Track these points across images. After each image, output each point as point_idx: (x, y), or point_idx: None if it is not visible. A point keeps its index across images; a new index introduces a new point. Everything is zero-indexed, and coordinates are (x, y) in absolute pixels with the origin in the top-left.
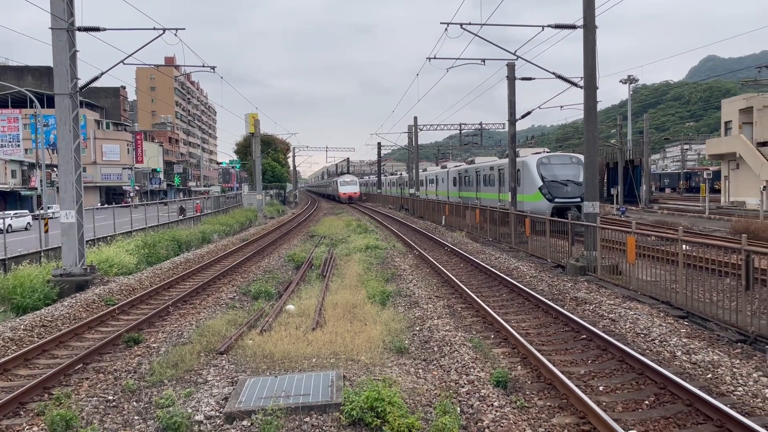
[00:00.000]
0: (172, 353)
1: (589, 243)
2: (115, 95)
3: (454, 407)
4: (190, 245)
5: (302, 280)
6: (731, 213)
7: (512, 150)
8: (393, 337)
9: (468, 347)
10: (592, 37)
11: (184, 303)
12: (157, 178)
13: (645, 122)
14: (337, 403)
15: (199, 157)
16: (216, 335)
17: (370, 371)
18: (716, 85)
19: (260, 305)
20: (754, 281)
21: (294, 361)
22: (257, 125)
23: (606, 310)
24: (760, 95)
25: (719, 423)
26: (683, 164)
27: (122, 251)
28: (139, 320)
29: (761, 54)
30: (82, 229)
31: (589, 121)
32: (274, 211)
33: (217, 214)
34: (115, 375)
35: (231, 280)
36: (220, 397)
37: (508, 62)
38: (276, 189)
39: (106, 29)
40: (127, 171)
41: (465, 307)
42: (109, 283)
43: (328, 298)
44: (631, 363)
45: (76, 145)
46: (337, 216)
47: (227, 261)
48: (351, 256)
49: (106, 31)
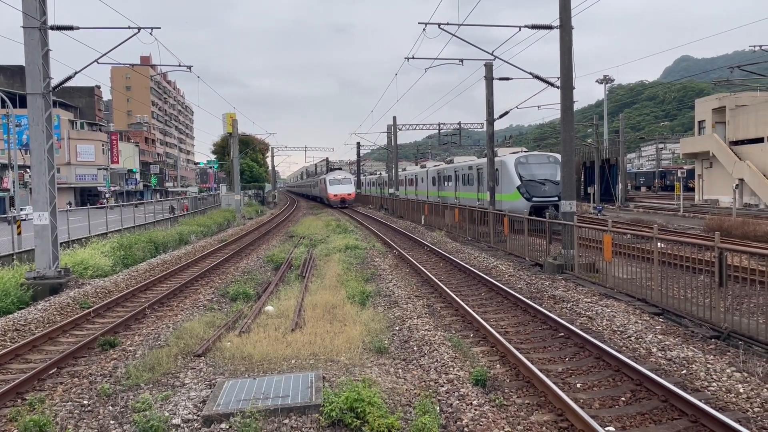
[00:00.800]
0: (148, 356)
1: (566, 241)
2: (90, 95)
3: (433, 406)
4: (167, 247)
5: (281, 281)
6: (705, 211)
7: (490, 149)
8: (373, 337)
9: (447, 346)
10: (568, 38)
11: (161, 305)
12: (133, 179)
13: (621, 122)
14: (317, 405)
15: (176, 157)
16: (194, 337)
17: (350, 372)
18: (690, 85)
19: (239, 307)
20: (728, 278)
21: (273, 363)
22: (235, 125)
23: (583, 308)
24: (732, 95)
25: (694, 418)
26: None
27: (97, 253)
28: (115, 323)
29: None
30: (56, 231)
31: (566, 121)
32: (252, 211)
33: (195, 215)
34: (91, 379)
35: (209, 281)
36: (197, 400)
37: (485, 62)
38: (254, 189)
39: (79, 28)
40: (102, 172)
41: (444, 306)
42: (84, 285)
43: (308, 298)
44: (608, 360)
45: (50, 146)
46: (317, 216)
47: (205, 262)
48: (331, 257)
49: (80, 30)
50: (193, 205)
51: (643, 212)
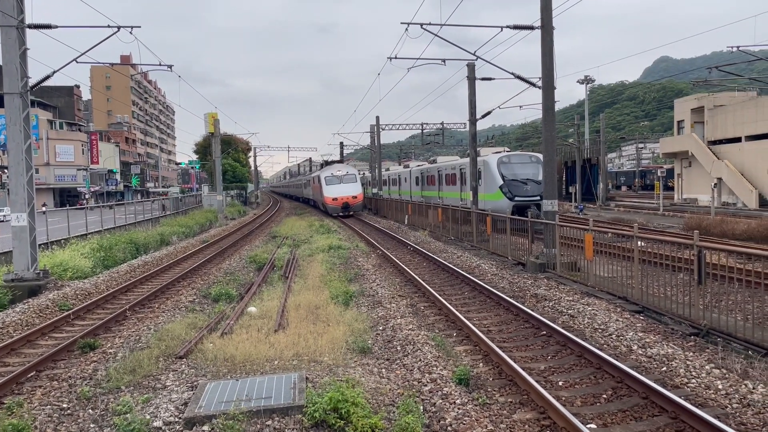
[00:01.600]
0: (129, 359)
1: (548, 241)
2: (69, 94)
3: (417, 406)
4: (149, 248)
5: (264, 281)
6: (684, 210)
7: (473, 149)
8: (356, 338)
9: (431, 346)
10: (549, 38)
11: (142, 307)
12: (113, 179)
13: (601, 122)
14: (300, 405)
15: (157, 157)
16: (175, 339)
17: (333, 372)
18: (669, 86)
19: (221, 308)
20: (706, 276)
21: (256, 364)
22: (217, 125)
23: (565, 307)
24: (710, 95)
25: (674, 415)
26: (638, 162)
27: (77, 255)
28: (95, 325)
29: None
30: (34, 233)
31: (548, 121)
32: (235, 212)
33: (177, 216)
34: (70, 382)
35: (191, 282)
36: (179, 402)
37: (468, 62)
38: (237, 190)
39: (57, 27)
40: (81, 172)
41: (428, 305)
42: (63, 287)
43: (291, 299)
44: (590, 358)
45: (27, 146)
46: (300, 216)
47: (187, 263)
48: (314, 257)
49: (58, 28)
50: (174, 205)
51: (623, 211)
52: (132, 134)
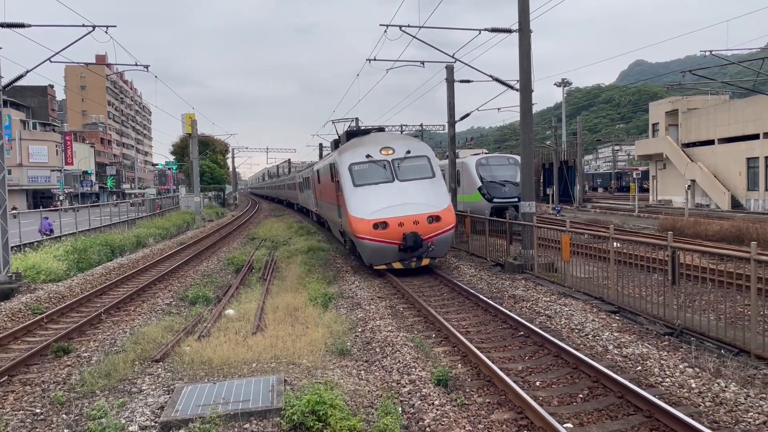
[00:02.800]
0: (104, 362)
1: (526, 242)
2: (43, 94)
3: (395, 407)
4: (124, 250)
5: (242, 283)
6: (659, 211)
7: (452, 151)
8: (335, 340)
9: (410, 347)
10: (527, 41)
11: (118, 310)
12: (88, 181)
13: (578, 124)
14: (278, 408)
15: (133, 158)
16: (151, 342)
17: (312, 374)
18: (644, 89)
19: (198, 310)
20: (680, 276)
21: (233, 367)
22: (194, 125)
23: (543, 307)
24: (684, 98)
25: (648, 413)
26: (614, 165)
27: (50, 257)
28: (69, 329)
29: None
30: (6, 235)
31: (525, 123)
32: (212, 213)
33: (153, 217)
34: (43, 387)
35: (167, 285)
36: (155, 406)
37: (446, 65)
38: (215, 191)
39: (31, 25)
40: (55, 173)
41: (407, 307)
42: (36, 290)
43: (269, 301)
44: (567, 358)
45: (0, 147)
46: (279, 218)
47: (163, 265)
48: (293, 259)
49: (32, 27)
50: (151, 207)
51: (600, 213)
52: (107, 135)
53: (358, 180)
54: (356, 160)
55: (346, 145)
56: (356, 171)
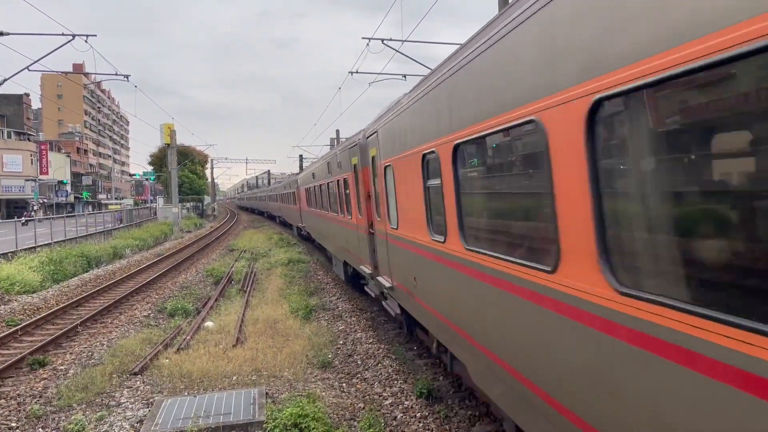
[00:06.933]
0: (81, 375)
1: None
2: (18, 102)
3: (378, 420)
4: (101, 261)
5: (222, 295)
6: None
7: None
8: (317, 352)
9: (392, 359)
10: None
11: (95, 322)
12: (63, 191)
13: None
14: (260, 421)
15: (110, 168)
16: (130, 355)
17: (294, 387)
18: None
19: (177, 323)
20: None
21: (214, 380)
22: (173, 136)
23: None
24: None
25: None
26: None
27: (25, 268)
28: (45, 341)
29: None
30: None
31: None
32: (191, 224)
33: (130, 228)
34: (19, 400)
35: (145, 296)
36: (134, 420)
37: None
38: (193, 202)
39: (9, 34)
40: (30, 183)
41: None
42: (10, 302)
43: (249, 313)
44: None
45: None
46: (258, 230)
47: (141, 277)
48: (273, 270)
49: (10, 35)
50: (128, 217)
51: None
52: (84, 144)
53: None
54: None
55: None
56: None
